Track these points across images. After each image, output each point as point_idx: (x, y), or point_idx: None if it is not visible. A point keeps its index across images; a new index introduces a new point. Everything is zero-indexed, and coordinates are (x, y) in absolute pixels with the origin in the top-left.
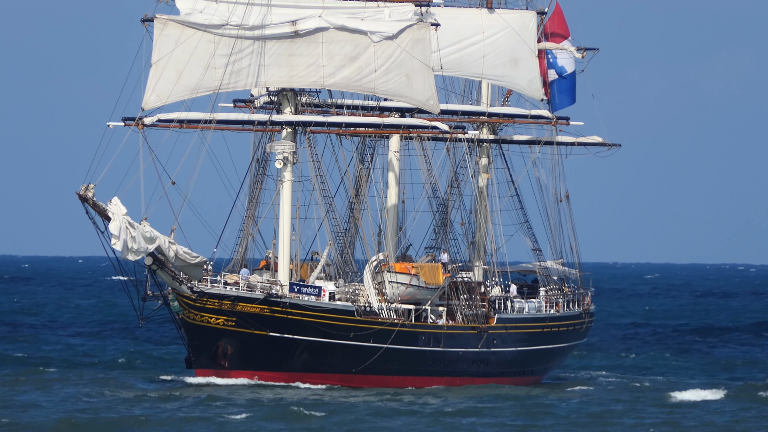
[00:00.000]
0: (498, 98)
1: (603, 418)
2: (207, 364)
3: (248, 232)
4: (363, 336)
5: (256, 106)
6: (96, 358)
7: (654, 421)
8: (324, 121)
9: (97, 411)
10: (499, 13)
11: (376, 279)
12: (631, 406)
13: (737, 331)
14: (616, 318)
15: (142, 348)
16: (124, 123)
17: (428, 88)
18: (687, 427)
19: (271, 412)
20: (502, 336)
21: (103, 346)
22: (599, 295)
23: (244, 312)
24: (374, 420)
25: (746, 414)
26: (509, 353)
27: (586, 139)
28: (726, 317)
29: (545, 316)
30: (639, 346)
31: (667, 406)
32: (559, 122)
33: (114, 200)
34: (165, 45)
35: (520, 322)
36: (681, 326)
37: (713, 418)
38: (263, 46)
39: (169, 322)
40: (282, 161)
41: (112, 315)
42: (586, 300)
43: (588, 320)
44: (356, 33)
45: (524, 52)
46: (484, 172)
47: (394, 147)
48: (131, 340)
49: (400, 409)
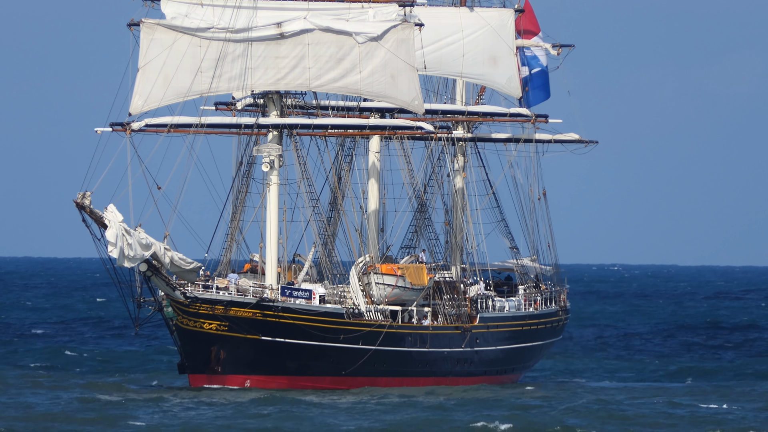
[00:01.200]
0: (472, 96)
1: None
2: (200, 369)
3: (234, 235)
4: (352, 338)
5: (238, 108)
6: (86, 363)
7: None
8: (310, 123)
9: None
10: (478, 12)
11: (363, 281)
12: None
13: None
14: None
15: (135, 353)
16: (111, 128)
17: (413, 89)
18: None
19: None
20: (484, 335)
21: (96, 350)
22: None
23: (236, 316)
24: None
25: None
26: (491, 352)
27: (563, 137)
28: (641, 321)
29: (525, 314)
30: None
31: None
32: (538, 120)
33: (110, 207)
34: (151, 49)
35: (501, 320)
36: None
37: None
38: (249, 48)
39: (163, 327)
40: (268, 164)
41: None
42: (562, 297)
43: (564, 317)
44: (341, 34)
45: (503, 50)
46: (460, 171)
47: (374, 148)
48: (125, 345)
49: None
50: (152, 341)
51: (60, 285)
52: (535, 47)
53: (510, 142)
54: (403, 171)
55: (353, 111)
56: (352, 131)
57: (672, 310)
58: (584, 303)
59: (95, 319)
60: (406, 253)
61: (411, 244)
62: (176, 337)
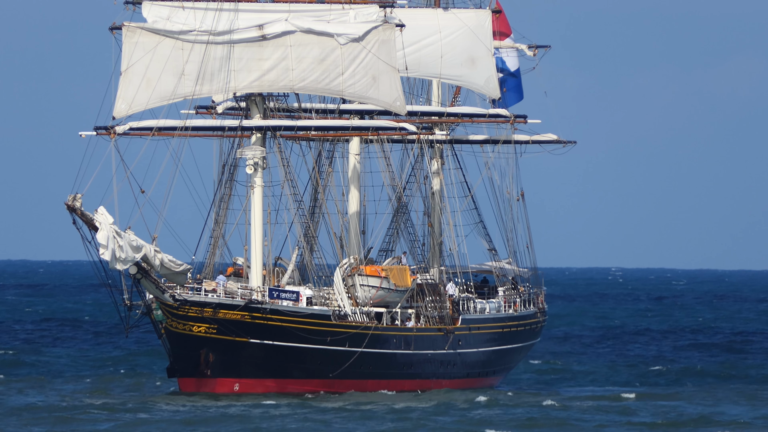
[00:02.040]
0: (448, 98)
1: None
2: (190, 372)
3: (218, 238)
4: (339, 340)
5: (218, 112)
6: (74, 366)
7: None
8: (293, 125)
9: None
10: (455, 13)
11: (347, 282)
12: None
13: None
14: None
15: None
16: (96, 132)
17: (395, 90)
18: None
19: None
20: (466, 337)
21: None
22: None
23: (225, 319)
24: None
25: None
26: (474, 354)
27: (541, 137)
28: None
29: (506, 316)
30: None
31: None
32: (517, 120)
33: (100, 210)
34: (133, 53)
35: (483, 322)
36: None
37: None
38: (231, 51)
39: (152, 332)
40: (252, 166)
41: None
42: (540, 299)
43: (542, 319)
44: (323, 36)
45: (481, 51)
46: (437, 173)
47: (354, 150)
48: (112, 349)
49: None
50: (141, 345)
51: (46, 287)
52: (511, 48)
53: (489, 143)
54: (384, 173)
55: (333, 114)
56: (335, 133)
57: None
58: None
59: (84, 322)
60: (386, 257)
61: (389, 247)
62: (165, 341)
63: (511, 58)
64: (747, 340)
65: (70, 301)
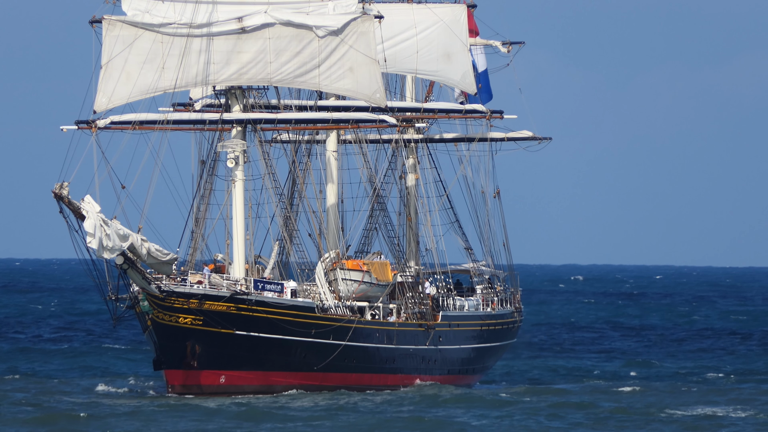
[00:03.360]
0: (421, 93)
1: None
2: (176, 364)
3: (200, 233)
4: (323, 333)
5: (196, 109)
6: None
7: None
8: (274, 118)
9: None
10: (430, 8)
11: (329, 276)
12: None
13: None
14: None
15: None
16: (77, 126)
17: (374, 82)
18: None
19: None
20: (447, 334)
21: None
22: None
23: (210, 310)
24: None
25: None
26: (454, 351)
27: (517, 134)
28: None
29: (485, 314)
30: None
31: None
32: (493, 116)
33: (87, 198)
34: (114, 46)
35: (463, 319)
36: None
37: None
38: (211, 44)
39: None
40: (233, 160)
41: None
42: (516, 298)
43: (519, 319)
44: (301, 28)
45: (456, 46)
46: (412, 172)
47: (331, 147)
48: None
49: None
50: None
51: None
52: (485, 45)
53: (466, 141)
54: (361, 170)
55: (313, 109)
56: (315, 125)
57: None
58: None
59: (70, 314)
60: (362, 256)
61: (364, 248)
62: (151, 333)
63: (479, 56)
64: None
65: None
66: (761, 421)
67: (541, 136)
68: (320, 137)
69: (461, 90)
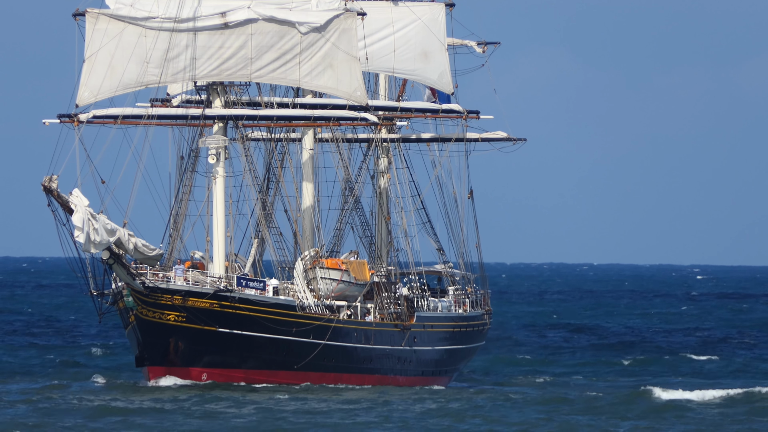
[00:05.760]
0: (394, 92)
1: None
2: (158, 361)
3: (179, 230)
4: (303, 332)
5: (174, 105)
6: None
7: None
8: (256, 114)
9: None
10: (409, 6)
11: (308, 275)
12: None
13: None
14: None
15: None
16: (59, 120)
17: (355, 80)
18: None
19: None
20: (421, 335)
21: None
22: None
23: (194, 307)
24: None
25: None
26: (428, 352)
27: (492, 135)
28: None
29: (457, 315)
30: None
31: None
32: (470, 116)
33: (75, 192)
34: (97, 40)
35: (437, 320)
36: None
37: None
38: (194, 38)
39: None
40: (215, 156)
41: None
42: (486, 301)
43: (489, 321)
44: (284, 24)
45: (434, 46)
46: (387, 172)
47: (308, 145)
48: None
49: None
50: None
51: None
52: (459, 45)
53: (440, 141)
54: (337, 168)
55: (295, 107)
56: (297, 122)
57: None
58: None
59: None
60: (336, 255)
61: (334, 248)
62: (135, 330)
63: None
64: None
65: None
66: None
67: (516, 137)
68: (296, 135)
69: (433, 89)
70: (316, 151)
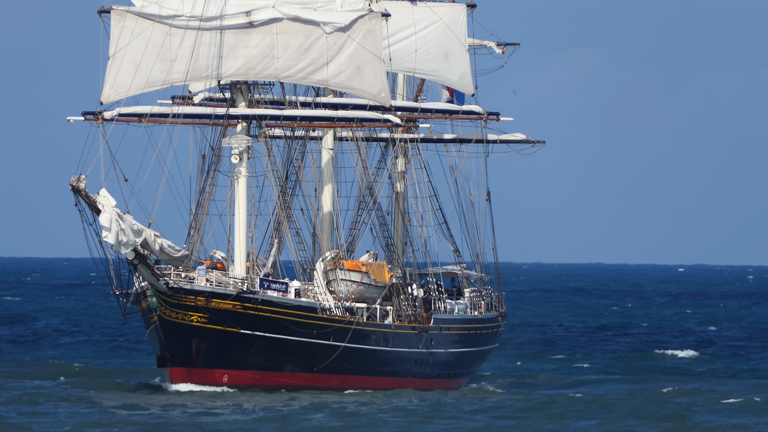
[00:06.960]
0: (411, 92)
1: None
2: (181, 362)
3: (201, 229)
4: (324, 334)
5: (194, 102)
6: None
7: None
8: (279, 114)
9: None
10: (430, 7)
11: (328, 277)
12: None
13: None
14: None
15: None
16: (84, 117)
17: (379, 80)
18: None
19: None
20: (437, 337)
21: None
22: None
23: (217, 308)
24: None
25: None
26: (444, 354)
27: (510, 137)
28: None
29: (473, 317)
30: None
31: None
32: (490, 118)
33: (102, 192)
34: (122, 37)
35: (453, 323)
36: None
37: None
38: (219, 37)
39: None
40: (237, 156)
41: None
42: (501, 303)
43: (503, 323)
44: (309, 24)
45: (455, 46)
46: (406, 172)
47: (328, 145)
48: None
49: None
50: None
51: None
52: (479, 46)
53: (461, 142)
54: (356, 168)
55: (319, 106)
56: (321, 123)
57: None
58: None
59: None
60: (352, 256)
61: (349, 248)
62: (157, 330)
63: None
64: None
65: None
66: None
67: (535, 139)
68: (316, 134)
69: (450, 89)
70: (336, 151)
